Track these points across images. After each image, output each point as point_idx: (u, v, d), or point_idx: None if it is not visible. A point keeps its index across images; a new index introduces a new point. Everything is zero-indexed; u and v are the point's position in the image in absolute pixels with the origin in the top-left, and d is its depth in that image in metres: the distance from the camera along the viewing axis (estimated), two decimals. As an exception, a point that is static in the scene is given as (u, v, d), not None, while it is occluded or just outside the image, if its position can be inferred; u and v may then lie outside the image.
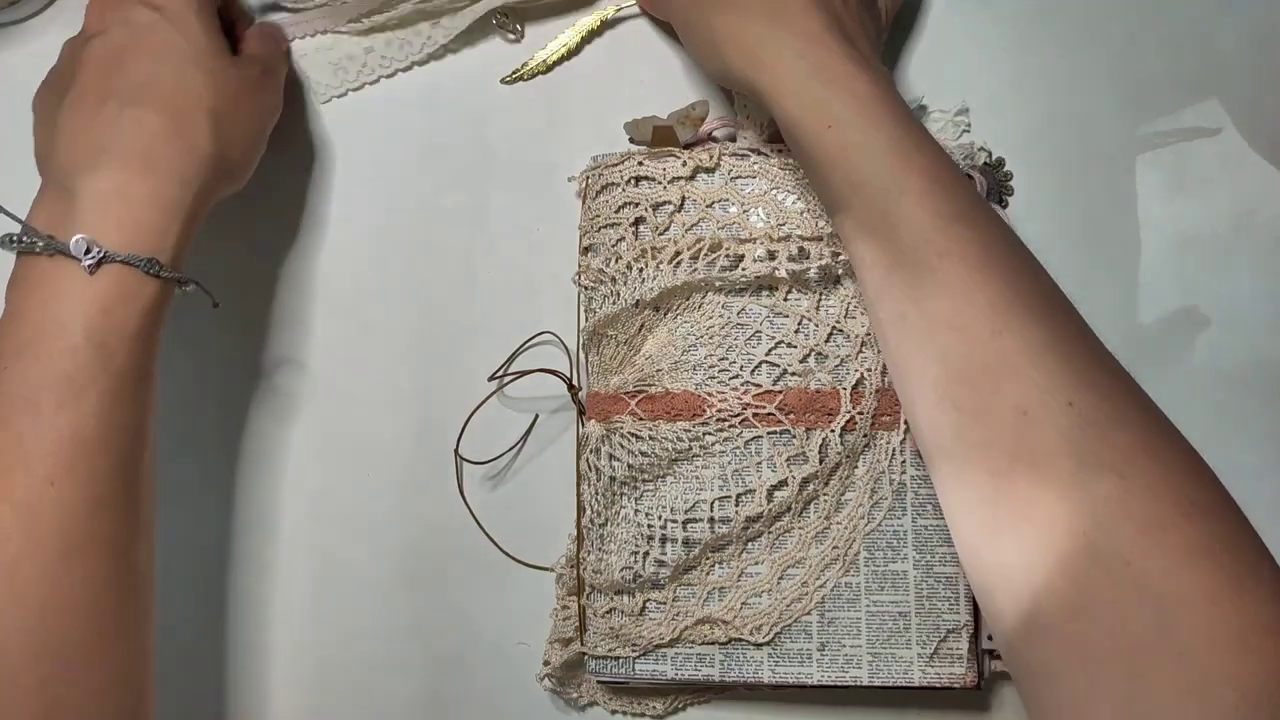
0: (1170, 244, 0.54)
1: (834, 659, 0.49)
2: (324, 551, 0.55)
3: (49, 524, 0.41)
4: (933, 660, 0.49)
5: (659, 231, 0.51)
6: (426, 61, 0.57)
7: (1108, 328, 0.54)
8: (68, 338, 0.41)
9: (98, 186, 0.43)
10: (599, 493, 0.50)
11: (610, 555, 0.50)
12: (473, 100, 0.56)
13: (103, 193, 0.43)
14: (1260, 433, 0.53)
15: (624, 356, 0.51)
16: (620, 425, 0.50)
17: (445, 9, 0.55)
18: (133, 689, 0.44)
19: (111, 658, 0.42)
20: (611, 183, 0.52)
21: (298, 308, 0.56)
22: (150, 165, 0.44)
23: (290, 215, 0.56)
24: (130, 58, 0.46)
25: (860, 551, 0.49)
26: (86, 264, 0.42)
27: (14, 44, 0.57)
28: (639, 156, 0.51)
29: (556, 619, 0.53)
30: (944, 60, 0.55)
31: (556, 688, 0.53)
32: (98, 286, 0.42)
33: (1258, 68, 0.55)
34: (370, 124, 0.57)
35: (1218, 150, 0.55)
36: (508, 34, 0.56)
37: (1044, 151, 0.55)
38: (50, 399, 0.41)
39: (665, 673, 0.50)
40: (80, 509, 0.41)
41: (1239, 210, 0.54)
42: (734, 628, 0.49)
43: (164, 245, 0.43)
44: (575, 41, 0.56)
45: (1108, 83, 0.55)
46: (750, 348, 0.50)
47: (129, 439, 0.43)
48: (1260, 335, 0.54)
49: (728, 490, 0.49)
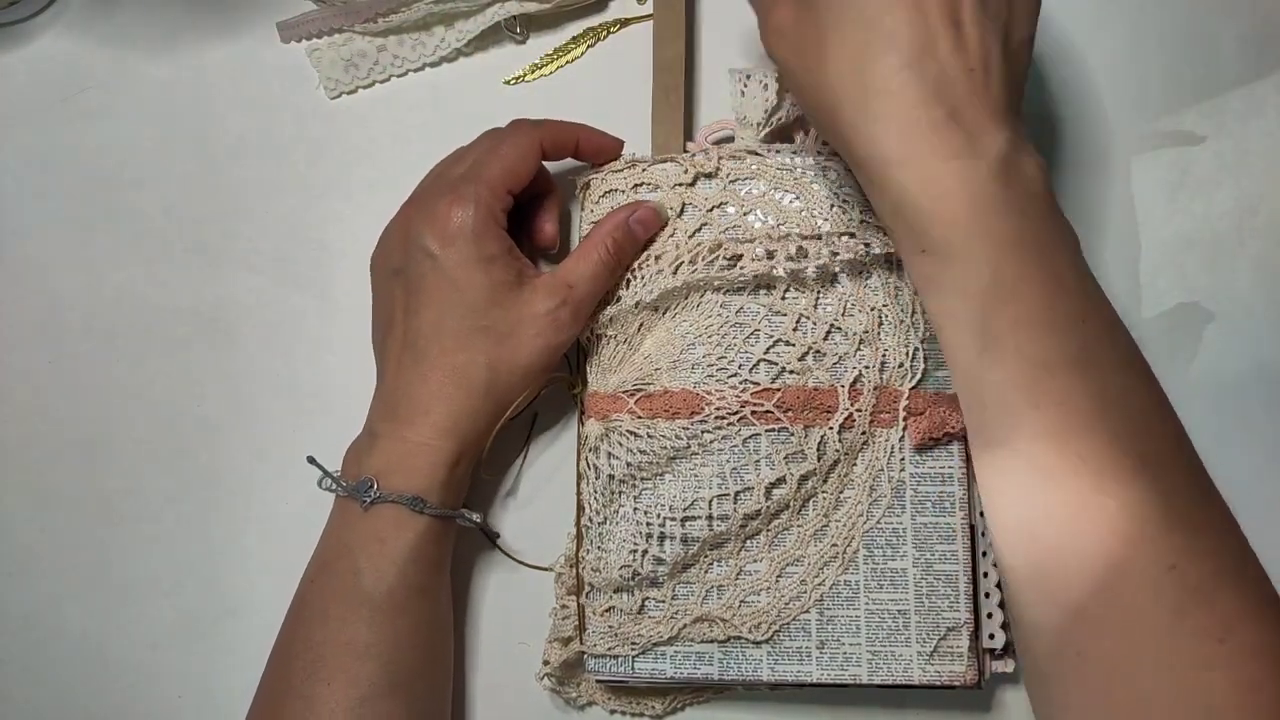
0: (1170, 244, 0.54)
1: (833, 657, 0.49)
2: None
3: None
4: (932, 658, 0.49)
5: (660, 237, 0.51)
6: (439, 63, 0.57)
7: (1107, 327, 0.54)
8: (351, 560, 0.48)
9: (384, 434, 0.49)
10: (598, 491, 0.50)
11: (609, 553, 0.50)
12: (476, 101, 0.57)
13: (386, 439, 0.49)
14: (1260, 432, 0.53)
15: (623, 356, 0.51)
16: (619, 424, 0.50)
17: (461, 12, 0.55)
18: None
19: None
20: (613, 189, 0.52)
21: (300, 306, 0.56)
22: (427, 418, 0.48)
23: (291, 214, 0.57)
24: (421, 304, 0.49)
25: (859, 549, 0.49)
26: (364, 502, 0.48)
27: (14, 44, 0.57)
28: (640, 164, 0.52)
29: (556, 618, 0.53)
30: (943, 60, 0.55)
31: (556, 687, 0.53)
32: (374, 520, 0.48)
33: (1258, 68, 0.55)
34: (374, 122, 0.57)
35: (1218, 150, 0.55)
36: (514, 37, 0.57)
37: (1044, 151, 0.54)
38: (336, 611, 0.47)
39: (664, 671, 0.50)
40: (344, 707, 0.46)
41: (1239, 210, 0.54)
42: (732, 626, 0.49)
43: (430, 486, 0.48)
44: (579, 46, 0.56)
45: (1108, 83, 0.55)
46: (749, 346, 0.50)
47: (396, 648, 0.47)
48: (1260, 335, 0.54)
49: (726, 488, 0.49)
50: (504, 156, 0.49)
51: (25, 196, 0.57)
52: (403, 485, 0.48)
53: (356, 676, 0.46)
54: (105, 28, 0.58)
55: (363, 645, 0.47)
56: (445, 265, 0.48)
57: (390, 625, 0.47)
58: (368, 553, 0.48)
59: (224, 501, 0.55)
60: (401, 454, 0.48)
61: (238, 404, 0.56)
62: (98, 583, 0.55)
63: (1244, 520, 0.53)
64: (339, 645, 0.47)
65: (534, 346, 0.49)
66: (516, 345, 0.49)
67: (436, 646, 0.50)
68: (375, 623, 0.47)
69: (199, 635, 0.55)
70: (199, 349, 0.56)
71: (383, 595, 0.47)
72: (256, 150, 0.57)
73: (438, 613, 0.50)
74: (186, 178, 0.57)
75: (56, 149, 0.57)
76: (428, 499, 0.48)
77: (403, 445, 0.48)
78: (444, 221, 0.48)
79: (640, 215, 0.50)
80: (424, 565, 0.48)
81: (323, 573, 0.49)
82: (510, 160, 0.49)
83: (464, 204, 0.48)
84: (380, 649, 0.47)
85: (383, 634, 0.47)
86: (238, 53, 0.57)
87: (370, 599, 0.47)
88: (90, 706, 0.55)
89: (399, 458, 0.48)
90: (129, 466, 0.56)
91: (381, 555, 0.48)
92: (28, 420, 0.56)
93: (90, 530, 0.56)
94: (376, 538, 0.48)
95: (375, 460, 0.48)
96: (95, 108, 0.57)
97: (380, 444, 0.49)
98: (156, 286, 0.56)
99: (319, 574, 0.49)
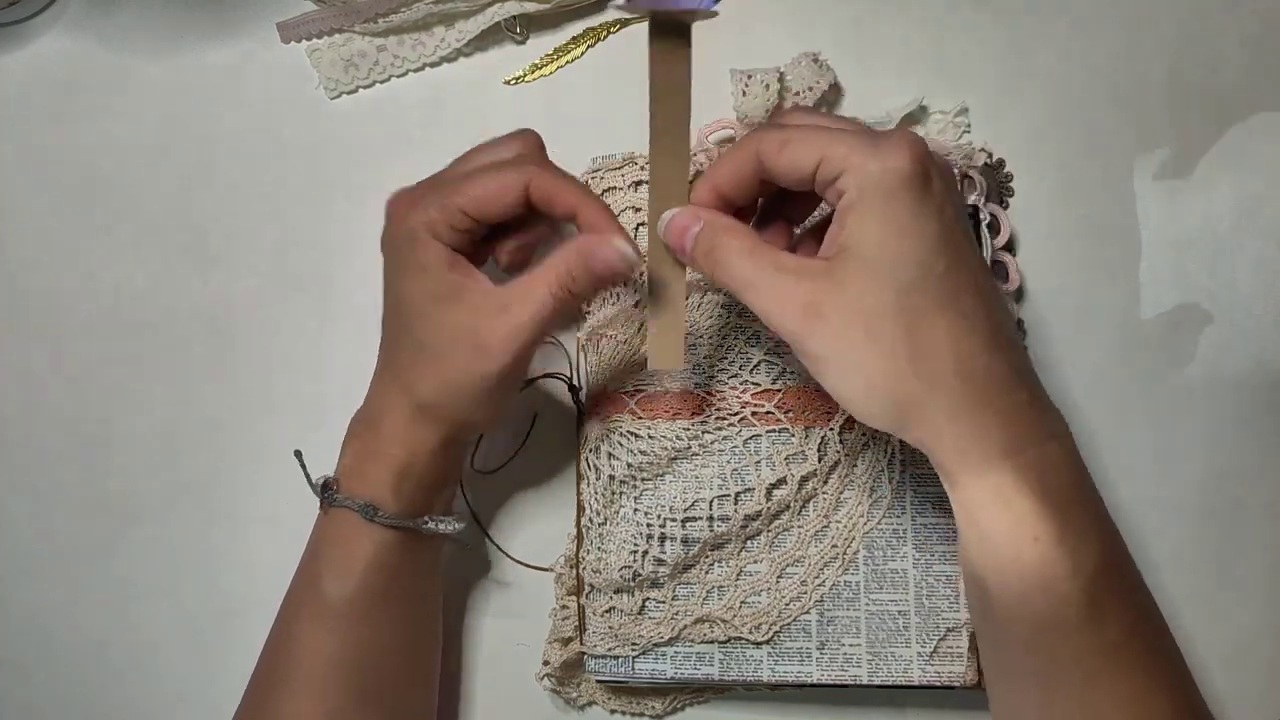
0: (1170, 244, 0.54)
1: (833, 658, 0.49)
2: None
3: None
4: (932, 659, 0.49)
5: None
6: (439, 63, 0.57)
7: (1108, 328, 0.54)
8: (316, 564, 0.47)
9: (353, 434, 0.48)
10: (598, 492, 0.50)
11: (610, 554, 0.50)
12: (476, 101, 0.57)
13: (353, 440, 0.48)
14: (1260, 432, 0.53)
15: (623, 356, 0.51)
16: (619, 424, 0.50)
17: (461, 12, 0.55)
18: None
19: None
20: (614, 186, 0.52)
21: (302, 306, 0.56)
22: (380, 425, 0.47)
23: (291, 214, 0.57)
24: (387, 301, 0.48)
25: (859, 550, 0.49)
26: (323, 503, 0.47)
27: (14, 44, 0.57)
28: (641, 161, 0.52)
29: (556, 618, 0.53)
30: (944, 60, 0.55)
31: (556, 687, 0.53)
32: (336, 523, 0.47)
33: (1258, 68, 0.55)
34: (374, 123, 0.57)
35: (1218, 150, 0.55)
36: (514, 37, 0.57)
37: (1044, 151, 0.55)
38: (303, 617, 0.47)
39: (664, 672, 0.50)
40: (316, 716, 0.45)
41: (1239, 210, 0.54)
42: (733, 626, 0.49)
43: (383, 494, 0.46)
44: (579, 46, 0.56)
45: (1108, 83, 0.55)
46: (749, 347, 0.50)
47: (362, 657, 0.46)
48: (1260, 335, 0.54)
49: (727, 489, 0.49)
50: (480, 184, 0.44)
51: (25, 196, 0.57)
52: (359, 490, 0.46)
53: (324, 689, 0.45)
54: (105, 28, 0.58)
55: (327, 654, 0.46)
56: (386, 266, 0.47)
57: (354, 634, 0.46)
58: (328, 557, 0.47)
59: (224, 501, 0.55)
60: (362, 457, 0.47)
61: (238, 404, 0.56)
62: (98, 583, 0.55)
63: (1243, 520, 0.53)
64: (307, 654, 0.46)
65: (462, 369, 0.45)
66: (444, 366, 0.45)
67: (414, 656, 0.49)
68: (339, 631, 0.46)
69: (199, 635, 0.55)
70: (199, 349, 0.56)
71: (344, 602, 0.46)
72: (256, 150, 0.57)
73: (413, 622, 0.49)
74: (186, 178, 0.57)
75: (56, 149, 0.57)
76: (381, 507, 0.46)
77: (363, 448, 0.47)
78: (391, 222, 0.46)
79: (604, 256, 0.43)
80: (389, 574, 0.47)
81: (296, 576, 0.48)
82: (484, 191, 0.44)
83: (415, 209, 0.45)
84: (345, 658, 0.46)
85: (346, 642, 0.46)
86: (238, 53, 0.57)
87: (332, 606, 0.46)
88: (90, 706, 0.55)
89: (359, 460, 0.47)
90: (129, 466, 0.56)
91: (340, 560, 0.46)
92: (28, 420, 0.56)
93: (90, 530, 0.56)
94: (337, 542, 0.47)
95: (343, 460, 0.47)
96: (95, 108, 0.57)
97: (349, 444, 0.48)
98: (156, 286, 0.56)
99: (294, 577, 0.48)
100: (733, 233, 0.41)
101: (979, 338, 0.39)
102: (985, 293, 0.39)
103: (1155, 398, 0.54)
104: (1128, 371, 0.54)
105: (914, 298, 0.38)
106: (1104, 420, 0.54)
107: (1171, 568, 0.53)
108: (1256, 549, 0.53)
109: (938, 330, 0.38)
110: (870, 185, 0.38)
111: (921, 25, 0.56)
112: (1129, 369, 0.54)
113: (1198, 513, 0.54)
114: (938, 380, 0.38)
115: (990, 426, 0.38)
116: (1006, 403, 0.39)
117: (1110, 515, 0.41)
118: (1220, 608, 0.53)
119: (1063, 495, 0.39)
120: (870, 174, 0.38)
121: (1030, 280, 0.54)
